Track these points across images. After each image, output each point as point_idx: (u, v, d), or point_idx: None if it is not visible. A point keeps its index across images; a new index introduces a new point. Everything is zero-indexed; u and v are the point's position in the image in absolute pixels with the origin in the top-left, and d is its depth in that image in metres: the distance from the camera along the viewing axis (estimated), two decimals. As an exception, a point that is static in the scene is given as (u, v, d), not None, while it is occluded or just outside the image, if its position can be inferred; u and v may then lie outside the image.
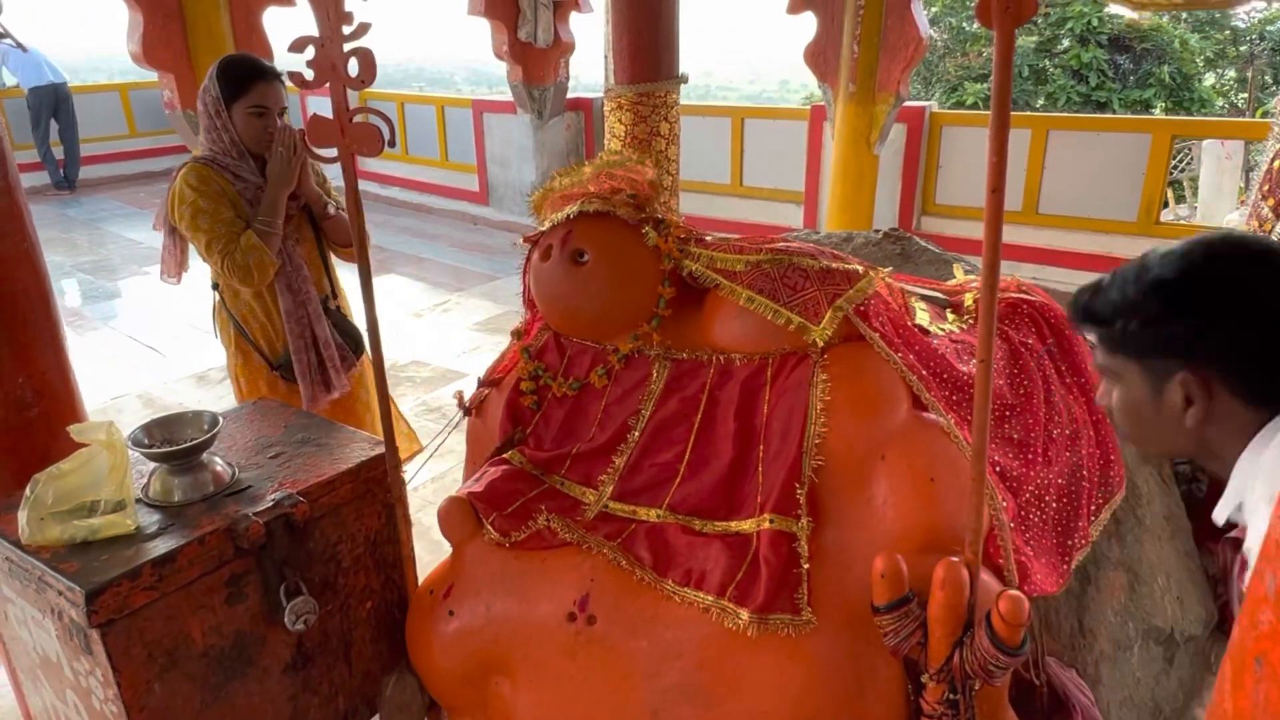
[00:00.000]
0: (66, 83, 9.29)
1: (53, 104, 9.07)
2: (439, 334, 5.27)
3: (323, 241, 2.43)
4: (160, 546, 1.36)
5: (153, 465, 1.54)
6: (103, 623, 1.28)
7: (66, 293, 6.25)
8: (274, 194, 2.18)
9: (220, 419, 1.56)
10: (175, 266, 2.38)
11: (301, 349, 2.34)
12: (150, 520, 1.44)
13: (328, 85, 1.41)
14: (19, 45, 7.15)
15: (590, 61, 7.47)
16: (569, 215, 1.72)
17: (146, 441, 1.53)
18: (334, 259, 2.50)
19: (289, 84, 1.63)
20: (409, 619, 1.65)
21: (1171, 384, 1.04)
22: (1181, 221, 6.49)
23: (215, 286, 2.40)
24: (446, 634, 1.55)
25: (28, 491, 1.39)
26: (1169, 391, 1.04)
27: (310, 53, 1.41)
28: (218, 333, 2.46)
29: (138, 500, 1.49)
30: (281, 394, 2.39)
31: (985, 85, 11.09)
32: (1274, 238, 2.53)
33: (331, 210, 2.38)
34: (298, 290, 2.32)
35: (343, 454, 1.67)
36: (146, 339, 5.32)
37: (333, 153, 1.46)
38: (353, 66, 1.40)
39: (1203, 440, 1.07)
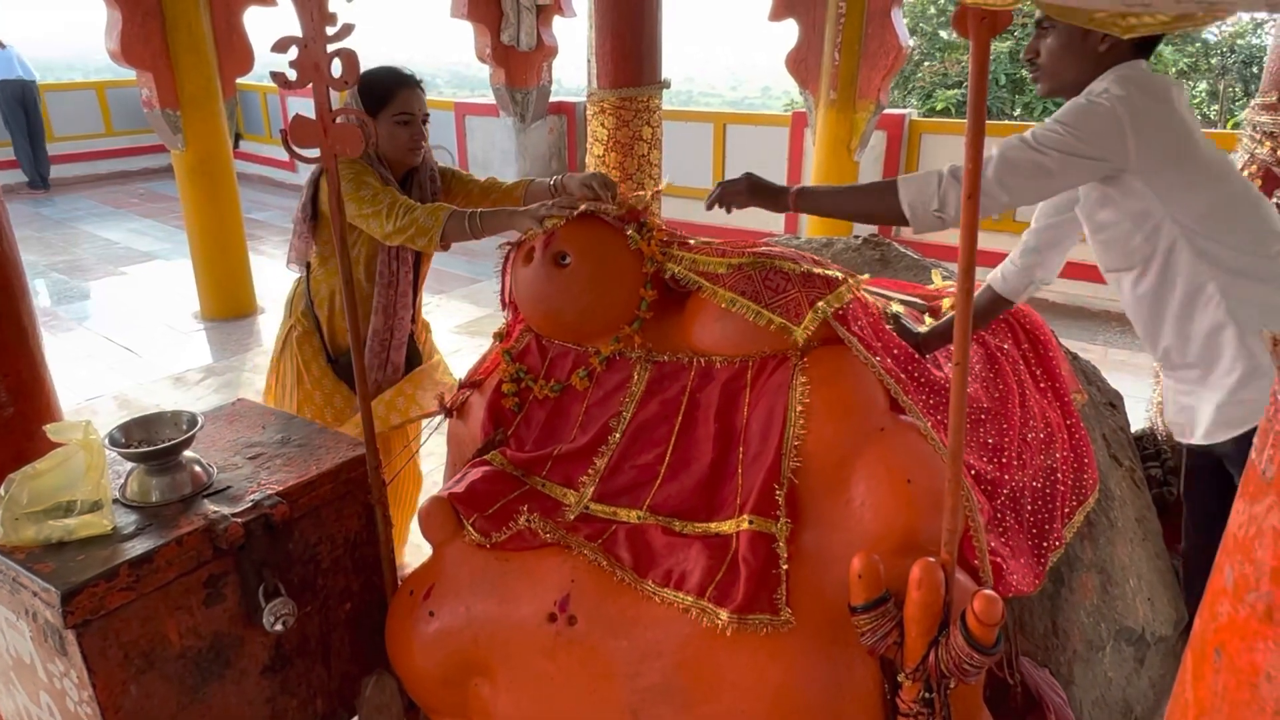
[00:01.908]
0: (36, 82, 9.15)
1: (20, 101, 8.92)
2: (419, 336, 5.24)
3: (420, 268, 2.42)
4: (137, 547, 1.35)
5: (130, 465, 1.53)
6: (78, 624, 1.27)
7: (40, 292, 6.17)
8: (501, 223, 1.99)
9: (200, 419, 1.55)
10: (301, 255, 2.31)
11: (375, 367, 2.33)
12: (127, 521, 1.43)
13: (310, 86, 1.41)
14: None
15: (573, 65, 7.49)
16: (565, 218, 1.73)
17: (124, 441, 1.51)
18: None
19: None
20: (389, 620, 1.65)
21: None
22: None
23: (308, 268, 2.35)
24: (426, 635, 1.55)
25: (1, 491, 1.37)
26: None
27: (293, 53, 1.41)
28: (288, 309, 2.41)
29: (115, 500, 1.48)
30: (329, 383, 2.36)
31: (959, 91, 11.22)
32: None
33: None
34: (391, 314, 2.30)
35: (323, 455, 1.67)
36: (122, 340, 5.25)
37: (315, 153, 1.46)
38: (336, 67, 1.40)
39: (1099, 64, 1.55)
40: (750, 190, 1.83)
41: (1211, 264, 1.53)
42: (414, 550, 2.80)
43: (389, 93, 2.13)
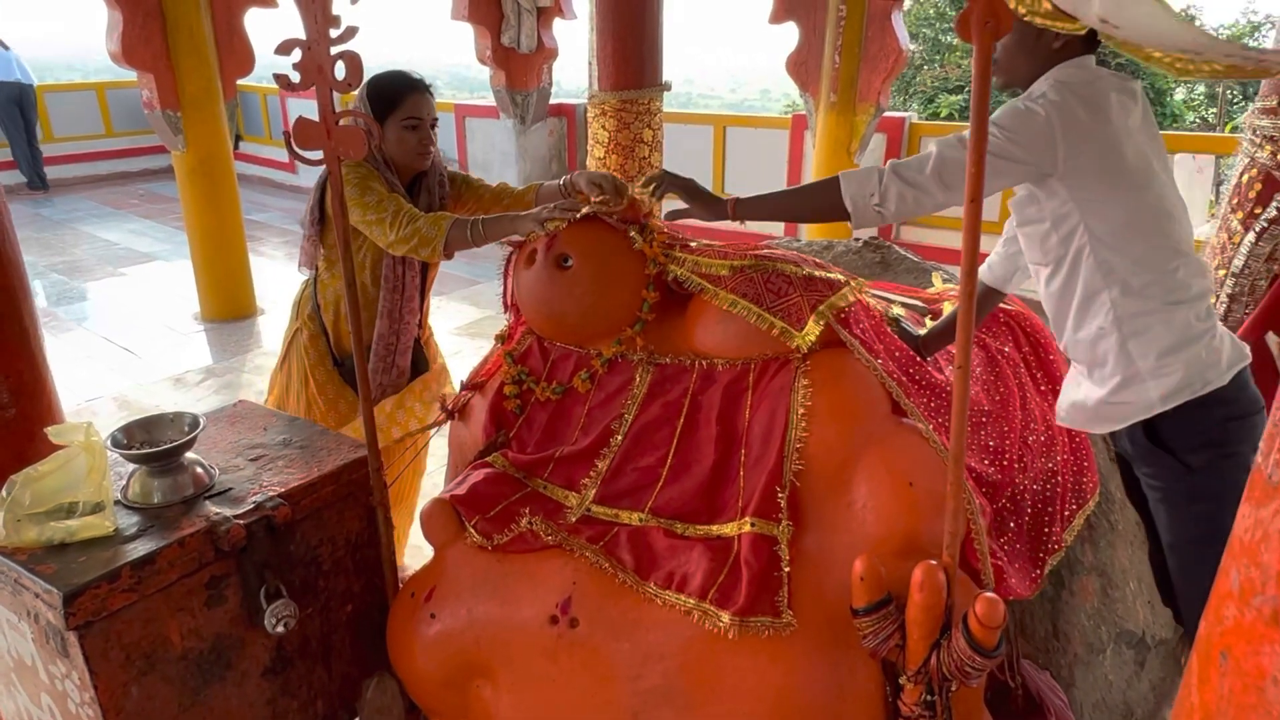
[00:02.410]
0: (34, 85, 9.16)
1: (17, 103, 8.92)
2: (419, 338, 5.24)
3: (428, 274, 2.42)
4: (139, 549, 1.35)
5: (132, 467, 1.53)
6: (80, 625, 1.27)
7: (39, 293, 6.17)
8: (505, 229, 1.96)
9: (202, 420, 1.55)
10: (310, 258, 2.31)
11: (380, 372, 2.32)
12: (129, 522, 1.43)
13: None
14: (0, 44, 7.05)
15: (573, 67, 7.48)
16: (570, 220, 1.73)
17: (126, 442, 1.51)
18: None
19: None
20: (390, 622, 1.65)
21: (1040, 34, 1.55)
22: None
23: (315, 271, 2.36)
24: (428, 637, 1.55)
25: (3, 493, 1.37)
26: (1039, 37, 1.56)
27: (297, 55, 1.41)
28: (295, 312, 2.41)
29: (117, 502, 1.48)
30: (333, 387, 2.36)
31: (960, 97, 11.23)
32: (1242, 250, 2.59)
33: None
34: (397, 319, 2.29)
35: (324, 456, 1.67)
36: (121, 340, 5.25)
37: (318, 155, 1.47)
38: (339, 70, 1.40)
39: (1050, 60, 1.60)
40: (688, 190, 1.83)
41: (1107, 275, 1.58)
42: (414, 552, 2.80)
43: (398, 97, 2.12)
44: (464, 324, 5.56)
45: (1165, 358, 1.57)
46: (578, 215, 1.76)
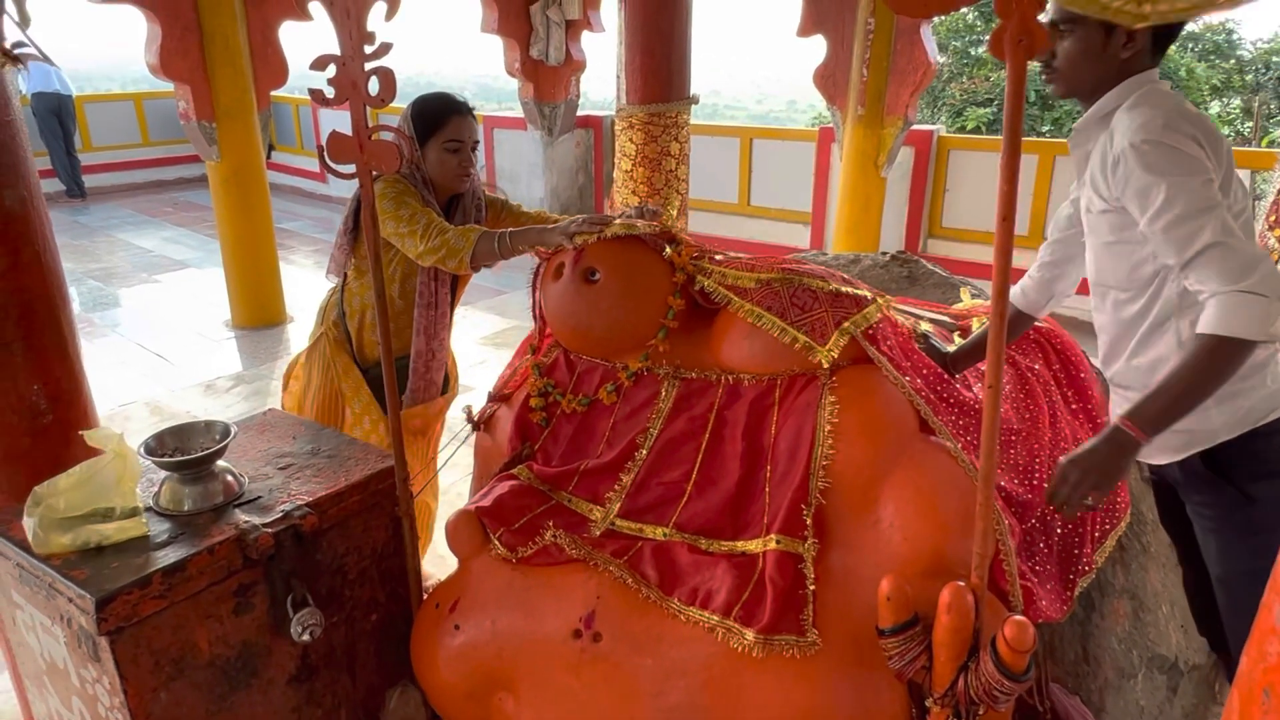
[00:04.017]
0: (72, 96, 9.38)
1: (55, 113, 9.14)
2: (445, 347, 5.29)
3: (457, 290, 2.45)
4: (170, 555, 1.37)
5: (164, 474, 1.55)
6: (112, 630, 1.29)
7: (75, 299, 6.29)
8: (531, 241, 1.97)
9: (233, 429, 1.57)
10: (340, 266, 2.34)
11: (420, 389, 2.36)
12: (160, 529, 1.45)
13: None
14: (45, 58, 7.26)
15: (600, 79, 7.54)
16: (599, 236, 1.74)
17: (159, 450, 1.54)
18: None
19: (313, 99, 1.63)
20: (414, 632, 1.66)
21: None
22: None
23: (344, 279, 2.38)
24: (451, 648, 1.56)
25: (29, 501, 1.40)
26: (1117, 31, 1.50)
27: (331, 70, 1.43)
28: (320, 317, 2.44)
29: (148, 509, 1.50)
30: (366, 394, 2.38)
31: (989, 110, 11.14)
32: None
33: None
34: (433, 335, 2.33)
35: (351, 466, 1.68)
36: (154, 346, 5.34)
37: (351, 168, 1.49)
38: (373, 85, 1.42)
39: (1121, 70, 1.55)
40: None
41: (1181, 304, 1.55)
42: (438, 561, 2.81)
43: (441, 119, 2.16)
44: (489, 333, 5.60)
45: (1230, 386, 1.48)
46: (606, 230, 1.76)
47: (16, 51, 1.57)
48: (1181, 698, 1.78)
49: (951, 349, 1.88)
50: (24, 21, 1.59)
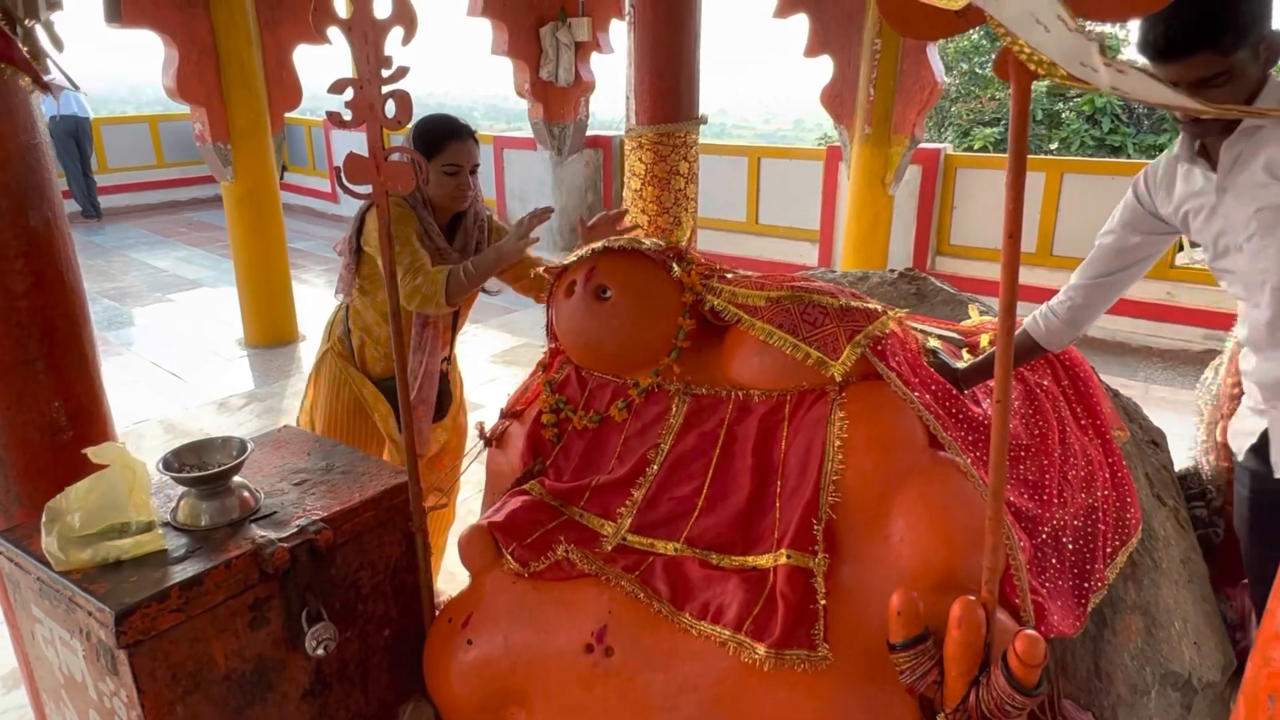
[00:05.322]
0: (90, 119, 9.53)
1: (73, 135, 9.28)
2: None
3: (460, 312, 2.48)
4: (188, 569, 1.39)
5: (182, 489, 1.57)
6: (130, 643, 1.31)
7: (91, 318, 6.35)
8: (493, 261, 2.14)
9: (249, 445, 1.59)
10: (347, 286, 2.40)
11: (412, 405, 2.38)
12: (178, 543, 1.47)
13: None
14: (73, 85, 7.37)
15: (609, 99, 7.60)
16: (593, 250, 1.76)
17: (177, 466, 1.56)
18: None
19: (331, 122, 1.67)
20: (427, 647, 1.67)
21: (1260, 46, 1.52)
22: (1196, 265, 6.49)
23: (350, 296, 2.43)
24: (464, 663, 1.56)
25: (45, 518, 1.42)
26: (1261, 51, 1.52)
27: (349, 93, 1.47)
28: (326, 333, 2.50)
29: (166, 523, 1.52)
30: (384, 406, 2.41)
31: (995, 130, 11.16)
32: None
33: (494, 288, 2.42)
34: (422, 351, 2.36)
35: (365, 482, 1.70)
36: (168, 365, 5.39)
37: (367, 189, 1.52)
38: (389, 108, 1.45)
39: (1260, 81, 1.56)
40: None
41: None
42: (449, 578, 2.82)
43: (440, 144, 2.20)
44: (500, 351, 5.63)
45: None
46: (548, 217, 1.83)
47: (46, 79, 1.61)
48: (1196, 715, 1.76)
49: (961, 365, 1.89)
50: (57, 45, 1.63)
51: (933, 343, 1.98)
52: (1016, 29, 0.87)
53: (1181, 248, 6.05)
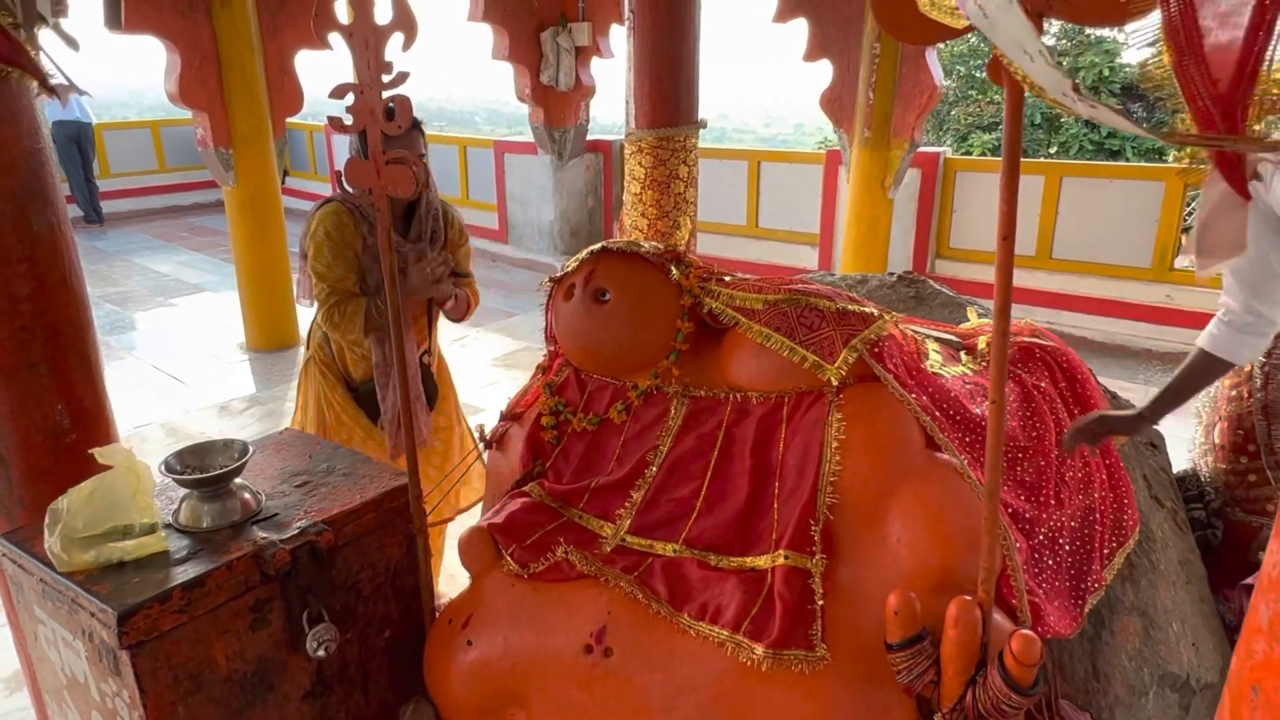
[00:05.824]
0: (92, 124, 9.56)
1: (75, 140, 9.30)
2: (457, 368, 5.28)
3: (433, 304, 2.51)
4: (190, 571, 1.40)
5: (184, 491, 1.58)
6: (132, 644, 1.31)
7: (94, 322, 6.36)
8: (409, 290, 2.27)
9: (250, 448, 1.60)
10: (305, 291, 2.43)
11: (382, 399, 2.41)
12: (180, 545, 1.48)
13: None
14: (78, 89, 7.40)
15: (609, 104, 7.63)
16: (592, 253, 1.77)
17: (179, 468, 1.57)
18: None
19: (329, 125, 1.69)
20: (427, 648, 1.68)
21: None
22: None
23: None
24: (464, 664, 1.57)
25: (47, 520, 1.43)
26: None
27: (349, 98, 1.48)
28: (307, 341, 2.53)
29: (168, 525, 1.53)
30: (350, 413, 2.45)
31: (993, 135, 11.18)
32: None
33: (451, 302, 2.46)
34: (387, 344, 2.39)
35: (366, 484, 1.71)
36: (170, 369, 5.40)
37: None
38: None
39: None
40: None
41: None
42: (449, 580, 2.83)
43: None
44: (500, 355, 5.64)
45: None
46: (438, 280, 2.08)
47: (53, 83, 1.62)
48: (1194, 716, 1.77)
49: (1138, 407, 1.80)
50: (72, 46, 1.65)
51: (931, 345, 1.99)
52: (1008, 54, 0.91)
53: (1180, 250, 6.05)
